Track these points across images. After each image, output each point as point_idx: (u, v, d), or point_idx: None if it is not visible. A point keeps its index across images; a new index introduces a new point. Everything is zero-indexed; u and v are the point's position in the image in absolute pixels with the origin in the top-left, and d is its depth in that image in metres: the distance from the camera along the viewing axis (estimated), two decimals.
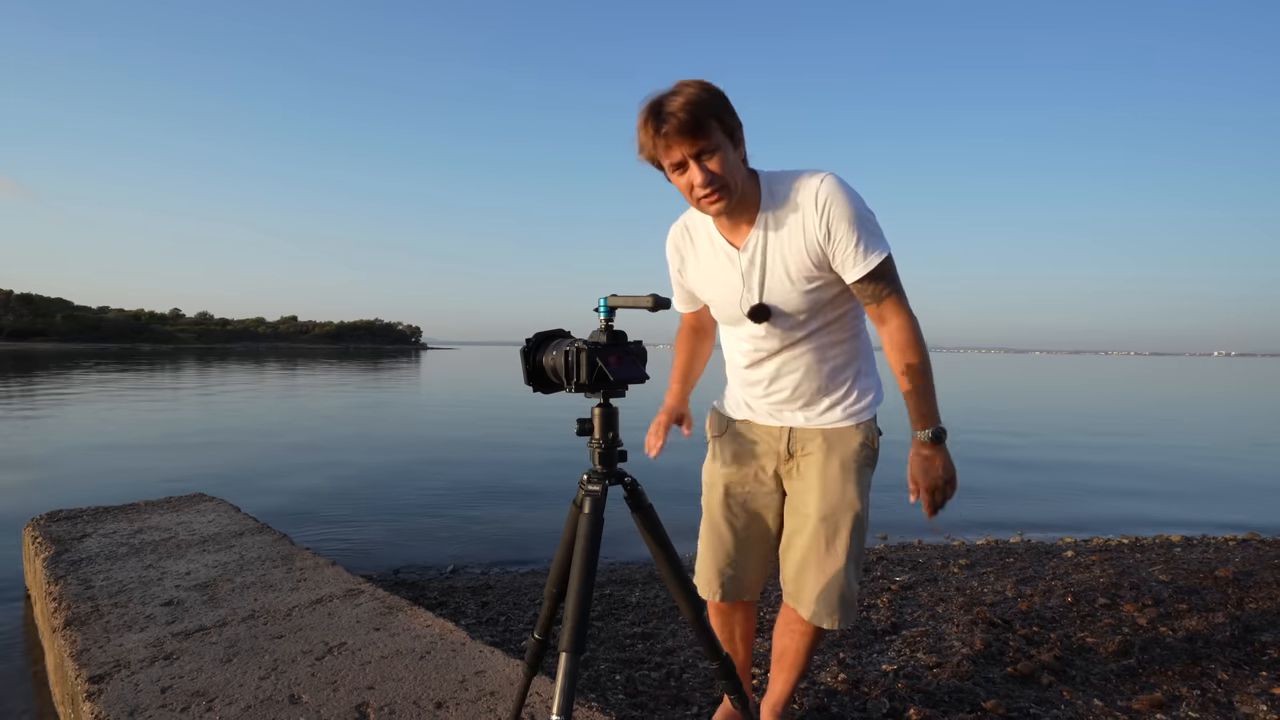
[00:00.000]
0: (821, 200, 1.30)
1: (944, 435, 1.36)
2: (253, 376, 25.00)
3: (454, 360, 59.81)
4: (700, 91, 1.24)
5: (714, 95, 1.25)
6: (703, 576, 1.62)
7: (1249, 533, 4.74)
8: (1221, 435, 12.13)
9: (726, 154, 1.28)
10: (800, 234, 1.34)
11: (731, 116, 1.28)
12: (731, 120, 1.28)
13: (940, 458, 1.35)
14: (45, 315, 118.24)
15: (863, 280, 1.34)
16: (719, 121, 1.26)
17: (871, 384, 1.51)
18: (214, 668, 1.77)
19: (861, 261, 1.32)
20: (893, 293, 1.36)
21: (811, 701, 2.03)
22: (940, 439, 1.35)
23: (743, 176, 1.34)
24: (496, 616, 3.00)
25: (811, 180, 1.32)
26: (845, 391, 1.48)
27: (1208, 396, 24.04)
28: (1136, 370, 59.34)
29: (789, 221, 1.35)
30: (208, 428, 10.40)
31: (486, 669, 1.79)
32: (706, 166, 1.27)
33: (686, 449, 1.94)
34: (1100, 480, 7.23)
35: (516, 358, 1.18)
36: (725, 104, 1.27)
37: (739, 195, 1.33)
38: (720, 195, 1.30)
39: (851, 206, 1.30)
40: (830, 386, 1.47)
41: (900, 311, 1.36)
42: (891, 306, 1.36)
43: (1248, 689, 2.13)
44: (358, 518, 5.12)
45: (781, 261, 1.37)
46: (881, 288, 1.35)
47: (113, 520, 3.15)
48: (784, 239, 1.35)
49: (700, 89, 1.24)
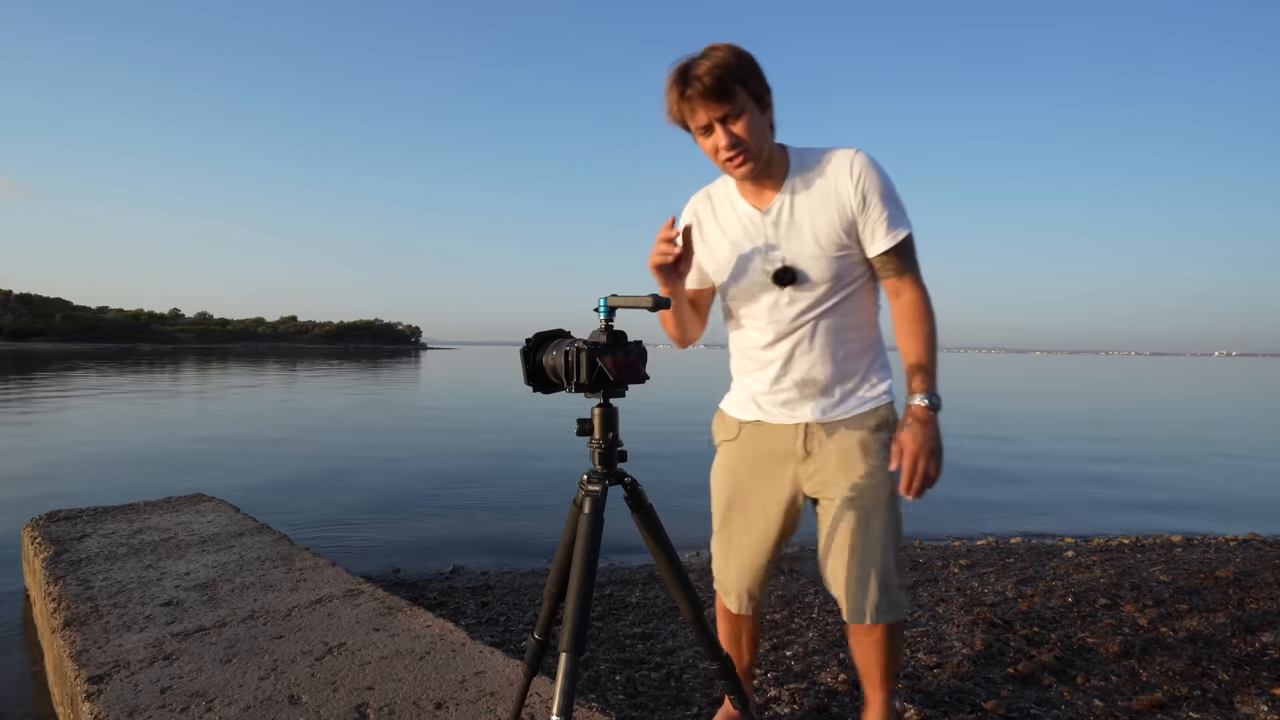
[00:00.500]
0: (857, 170, 1.32)
1: (939, 405, 1.34)
2: (252, 377, 25.00)
3: (454, 360, 59.82)
4: (728, 56, 1.25)
5: (742, 60, 1.26)
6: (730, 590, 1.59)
7: (1250, 533, 4.73)
8: (1222, 435, 12.13)
9: (753, 118, 1.29)
10: (833, 200, 1.34)
11: (759, 82, 1.29)
12: (759, 85, 1.29)
13: (931, 426, 1.32)
14: (44, 315, 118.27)
15: (888, 253, 1.36)
16: (745, 86, 1.27)
17: (886, 375, 1.49)
18: (213, 668, 1.77)
19: (890, 234, 1.34)
20: (912, 269, 1.39)
21: (811, 702, 2.03)
22: (935, 407, 1.33)
23: (769, 142, 1.35)
24: (496, 616, 3.00)
25: (845, 152, 1.35)
26: (860, 380, 1.45)
27: (1209, 397, 24.04)
28: (1138, 370, 59.35)
29: (819, 188, 1.35)
30: (207, 428, 10.40)
31: (486, 669, 1.79)
32: (731, 130, 1.29)
33: (684, 449, 1.94)
34: (1101, 480, 7.22)
35: (516, 358, 1.18)
36: (753, 69, 1.28)
37: (765, 160, 1.34)
38: (745, 158, 1.31)
39: (885, 181, 1.34)
40: (845, 374, 1.44)
41: (917, 285, 1.39)
42: (910, 281, 1.39)
43: (1249, 689, 2.12)
44: (358, 518, 5.12)
45: (810, 226, 1.36)
46: (904, 262, 1.38)
47: (112, 520, 3.14)
48: (814, 204, 1.35)
49: (728, 53, 1.25)
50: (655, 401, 15.09)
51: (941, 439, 1.32)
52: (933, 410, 1.33)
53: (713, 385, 2.58)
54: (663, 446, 8.39)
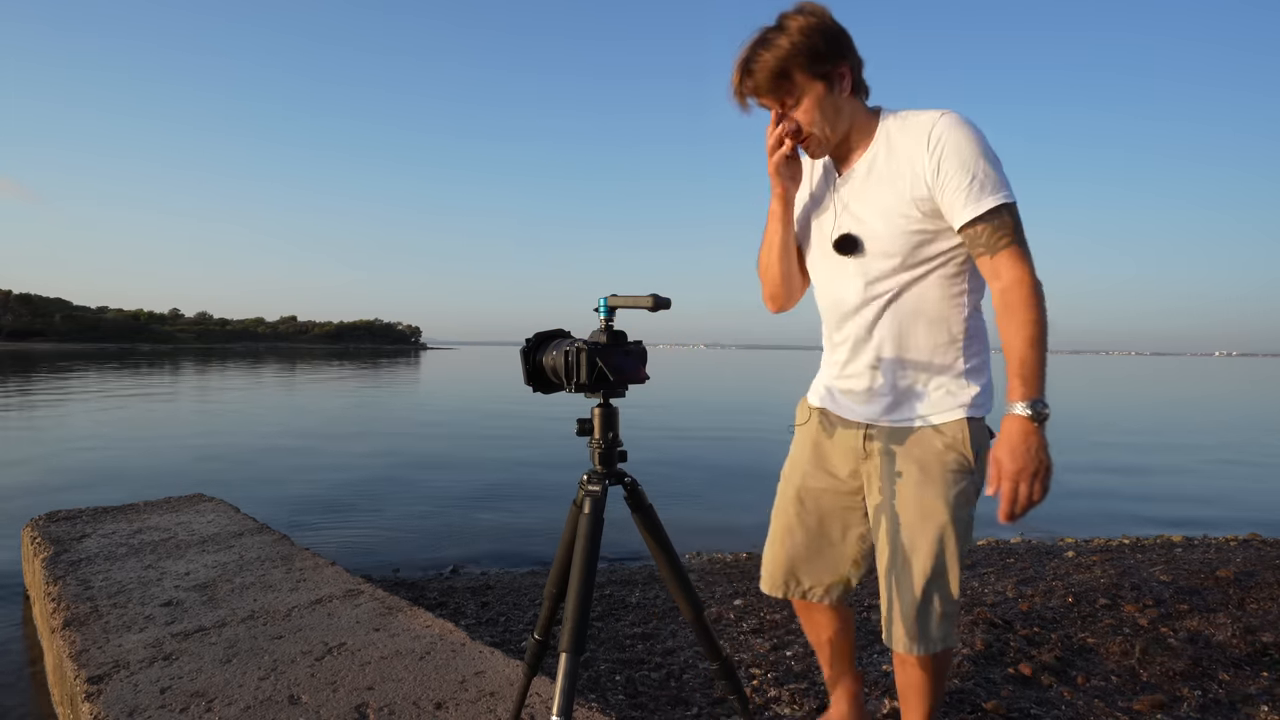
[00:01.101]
0: (936, 134, 1.18)
1: (1045, 414, 1.12)
2: (252, 377, 25.00)
3: (454, 360, 59.83)
4: (789, 41, 1.18)
5: (805, 41, 1.18)
6: (765, 569, 1.51)
7: (1250, 533, 4.73)
8: (1222, 435, 12.13)
9: (819, 100, 1.22)
10: (907, 166, 1.21)
11: (823, 60, 1.20)
12: (824, 64, 1.20)
13: (1034, 440, 1.11)
14: (44, 315, 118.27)
15: (974, 224, 1.16)
16: (805, 71, 1.20)
17: (976, 383, 1.28)
18: (213, 668, 1.77)
19: (973, 203, 1.15)
20: (1014, 243, 1.15)
21: (812, 703, 2.03)
22: (1040, 417, 1.12)
23: (845, 118, 1.26)
24: (496, 617, 3.00)
25: (929, 114, 1.21)
26: (934, 383, 1.27)
27: (1209, 397, 24.03)
28: (1138, 370, 59.36)
29: (899, 152, 1.23)
30: (207, 428, 10.40)
31: (486, 669, 1.78)
32: (794, 118, 1.25)
33: (685, 450, 1.93)
34: (1101, 480, 7.22)
35: (516, 358, 1.18)
36: (817, 48, 1.19)
37: (841, 136, 1.27)
38: (809, 143, 1.27)
39: (970, 143, 1.16)
40: (915, 373, 1.28)
41: (1019, 264, 1.15)
42: (1009, 258, 1.15)
43: (1249, 689, 2.12)
44: (358, 518, 5.12)
45: (880, 193, 1.24)
46: (998, 235, 1.15)
47: (112, 520, 3.14)
48: (891, 170, 1.23)
49: (791, 38, 1.18)
50: (656, 402, 15.08)
51: (1048, 455, 1.12)
52: (1036, 421, 1.12)
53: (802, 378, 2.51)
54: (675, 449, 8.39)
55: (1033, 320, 1.13)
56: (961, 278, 1.26)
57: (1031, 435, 1.11)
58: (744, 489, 6.57)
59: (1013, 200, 1.16)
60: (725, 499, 6.04)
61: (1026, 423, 1.12)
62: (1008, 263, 1.16)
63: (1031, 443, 1.11)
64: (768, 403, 17.57)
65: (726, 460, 8.21)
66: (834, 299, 1.35)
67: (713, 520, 5.17)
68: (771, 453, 8.08)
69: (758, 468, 7.73)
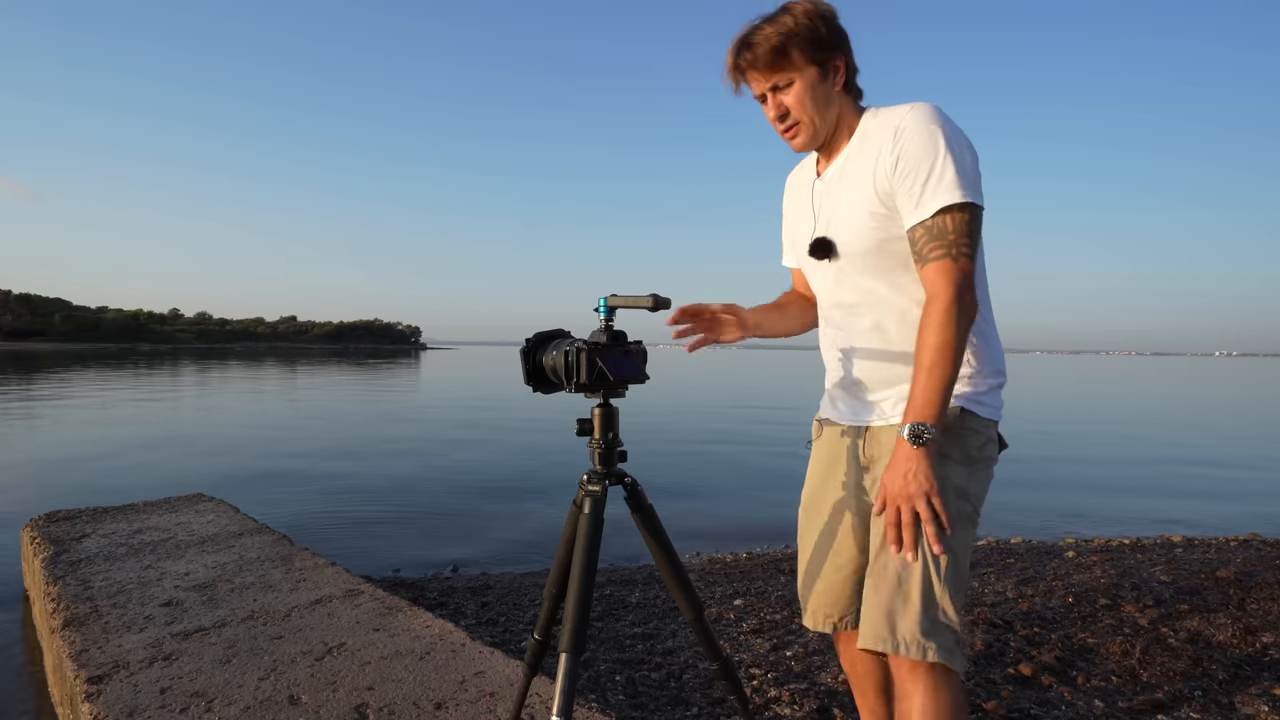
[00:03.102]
0: (902, 127, 1.11)
1: (927, 439, 1.06)
2: (252, 377, 24.99)
3: (454, 360, 59.83)
4: (793, 19, 1.15)
5: (809, 23, 1.15)
6: (803, 602, 1.40)
7: (1250, 533, 4.73)
8: (1223, 435, 12.13)
9: (808, 86, 1.17)
10: (873, 162, 1.15)
11: (823, 46, 1.16)
12: (822, 50, 1.16)
13: (916, 463, 1.06)
14: (44, 315, 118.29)
15: (915, 228, 1.09)
16: (803, 52, 1.15)
17: (977, 371, 1.19)
18: (213, 668, 1.76)
19: (919, 205, 1.08)
20: (945, 255, 1.06)
21: (811, 703, 2.02)
22: (921, 439, 1.05)
23: (834, 110, 1.21)
24: (496, 617, 3.00)
25: (902, 108, 1.14)
26: None
27: (1210, 396, 24.03)
28: (1139, 370, 59.36)
29: (869, 149, 1.18)
30: (207, 428, 10.40)
31: (486, 669, 1.78)
32: (781, 101, 1.19)
33: (685, 450, 1.93)
34: (1101, 480, 7.22)
35: (516, 358, 1.18)
36: (819, 32, 1.15)
37: (830, 128, 1.22)
38: (797, 130, 1.21)
39: (933, 137, 1.08)
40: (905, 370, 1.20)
41: (942, 279, 1.06)
42: (935, 272, 1.07)
43: (1249, 690, 2.12)
44: (357, 518, 5.13)
45: (850, 190, 1.20)
46: (932, 245, 1.07)
47: (112, 521, 3.14)
48: (859, 167, 1.19)
49: (795, 17, 1.15)
50: (655, 402, 15.09)
51: (929, 478, 1.06)
52: (915, 444, 1.06)
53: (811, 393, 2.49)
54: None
55: (935, 345, 1.06)
56: None
57: (911, 459, 1.07)
58: (745, 489, 6.57)
59: (965, 201, 1.06)
60: (726, 499, 6.04)
61: (905, 445, 1.07)
62: (931, 276, 1.08)
63: (910, 466, 1.07)
64: (769, 403, 17.57)
65: (727, 460, 8.21)
66: (822, 302, 1.34)
67: (713, 520, 5.17)
68: (772, 452, 8.06)
69: (758, 468, 7.74)
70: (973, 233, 1.07)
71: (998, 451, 1.22)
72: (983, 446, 1.18)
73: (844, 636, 1.39)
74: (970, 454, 1.16)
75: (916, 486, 1.07)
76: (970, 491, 1.16)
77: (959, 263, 1.06)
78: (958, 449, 1.15)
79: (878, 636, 1.12)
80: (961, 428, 1.16)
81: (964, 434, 1.16)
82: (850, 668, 1.43)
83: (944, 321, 1.05)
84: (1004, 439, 1.24)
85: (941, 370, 1.05)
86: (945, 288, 1.06)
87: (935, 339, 1.06)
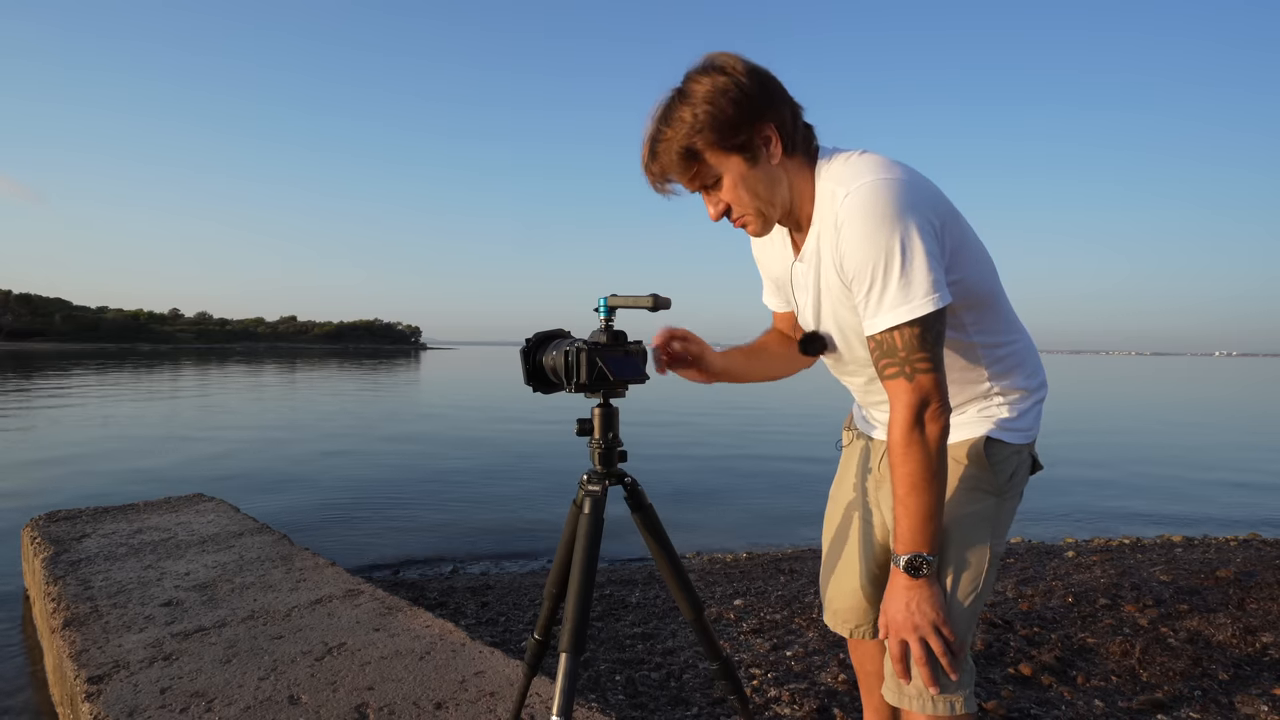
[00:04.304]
0: (840, 221, 1.00)
1: (926, 570, 1.01)
2: (252, 377, 25.00)
3: (453, 360, 59.84)
4: (691, 114, 1.00)
5: (711, 111, 1.00)
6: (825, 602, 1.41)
7: (1250, 533, 4.73)
8: (1222, 435, 12.12)
9: (738, 179, 1.05)
10: (831, 250, 1.05)
11: (737, 130, 1.01)
12: (739, 134, 1.01)
13: (917, 594, 1.02)
14: (44, 315, 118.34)
15: (869, 339, 1.02)
16: (716, 145, 1.02)
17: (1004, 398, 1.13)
18: (213, 668, 1.77)
19: (867, 319, 1.01)
20: (900, 374, 0.99)
21: (811, 703, 2.02)
22: (919, 571, 1.01)
23: (784, 184, 1.08)
24: (496, 616, 3.00)
25: (842, 186, 1.01)
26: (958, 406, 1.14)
27: (1210, 396, 24.04)
28: (1138, 370, 59.34)
29: (828, 231, 1.06)
30: (207, 427, 10.40)
31: (486, 669, 1.78)
32: (717, 198, 1.08)
33: (686, 450, 1.93)
34: (1102, 480, 7.22)
35: (516, 358, 1.18)
36: (726, 118, 1.00)
37: (783, 206, 1.09)
38: (745, 222, 1.10)
39: (873, 240, 0.96)
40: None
41: (900, 400, 0.99)
42: (894, 390, 1.00)
43: (1249, 690, 2.12)
44: (358, 518, 5.13)
45: (828, 279, 1.10)
46: (886, 364, 1.00)
47: (112, 520, 3.14)
48: (827, 254, 1.07)
49: (694, 109, 1.00)
50: (655, 402, 15.12)
51: (931, 609, 1.02)
52: (913, 576, 1.01)
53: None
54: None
55: (904, 476, 0.99)
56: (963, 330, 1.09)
57: (909, 590, 1.02)
58: (745, 489, 6.57)
59: (920, 314, 0.95)
60: (726, 499, 6.04)
61: (902, 576, 1.03)
62: (890, 394, 1.01)
63: (909, 597, 1.02)
64: (767, 402, 17.57)
65: (726, 461, 8.21)
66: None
67: (713, 520, 5.18)
68: (772, 452, 8.07)
69: (758, 468, 7.74)
70: (928, 343, 0.98)
71: (1029, 473, 1.17)
72: (1012, 475, 1.13)
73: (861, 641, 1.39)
74: (1000, 486, 1.11)
75: (922, 618, 1.02)
76: (999, 522, 1.12)
77: (914, 380, 0.98)
78: (987, 479, 1.11)
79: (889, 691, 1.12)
80: (990, 459, 1.10)
81: (993, 465, 1.11)
82: (860, 666, 1.43)
83: (906, 448, 0.99)
84: (1038, 459, 1.18)
85: (918, 499, 1.00)
86: (900, 410, 0.99)
87: (903, 469, 1.00)
